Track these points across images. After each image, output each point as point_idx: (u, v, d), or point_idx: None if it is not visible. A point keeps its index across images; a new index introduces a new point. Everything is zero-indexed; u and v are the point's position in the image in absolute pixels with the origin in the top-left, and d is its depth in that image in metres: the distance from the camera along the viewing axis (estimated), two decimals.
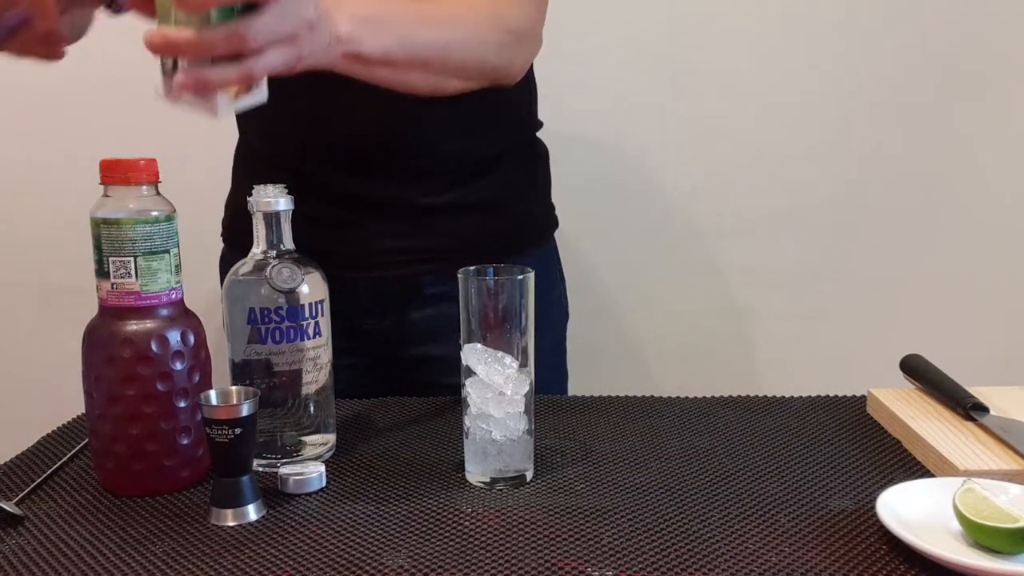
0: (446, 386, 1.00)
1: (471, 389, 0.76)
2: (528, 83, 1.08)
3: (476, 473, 0.78)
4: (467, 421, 0.78)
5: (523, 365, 0.76)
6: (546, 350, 1.02)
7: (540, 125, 1.14)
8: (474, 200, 1.04)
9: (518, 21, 0.93)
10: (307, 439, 0.83)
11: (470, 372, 0.76)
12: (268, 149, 1.07)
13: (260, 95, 0.70)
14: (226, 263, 1.10)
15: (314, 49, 0.73)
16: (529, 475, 0.79)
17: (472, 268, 0.76)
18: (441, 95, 0.93)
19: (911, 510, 0.67)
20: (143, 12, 0.72)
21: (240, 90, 0.69)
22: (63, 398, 1.00)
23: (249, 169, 1.10)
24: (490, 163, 1.04)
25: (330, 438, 0.85)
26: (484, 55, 0.92)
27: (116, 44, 1.61)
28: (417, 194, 1.02)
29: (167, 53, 0.66)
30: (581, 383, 1.20)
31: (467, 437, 0.78)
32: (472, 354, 0.76)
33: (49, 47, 0.77)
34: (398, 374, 1.09)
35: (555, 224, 1.16)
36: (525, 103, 1.10)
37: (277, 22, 0.68)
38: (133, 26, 1.71)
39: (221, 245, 1.13)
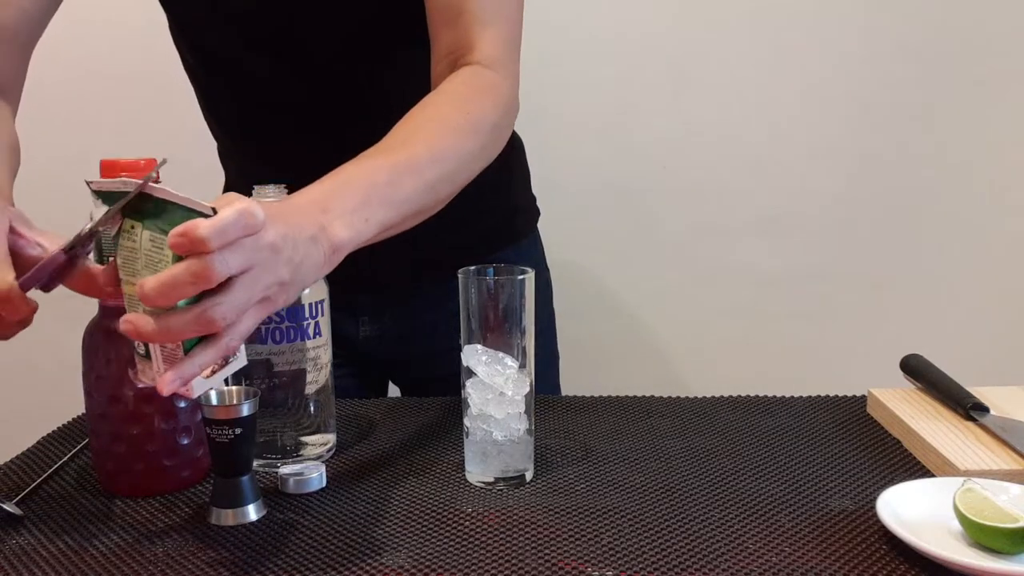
0: (446, 377, 1.00)
1: (471, 390, 0.76)
2: None
3: (476, 473, 0.78)
4: (467, 421, 0.78)
5: (523, 365, 0.76)
6: (539, 330, 1.02)
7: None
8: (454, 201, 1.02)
9: (493, 112, 0.87)
10: (307, 439, 0.83)
11: (470, 373, 0.76)
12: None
13: (238, 362, 0.65)
14: None
15: (290, 297, 0.66)
16: (529, 475, 0.79)
17: (472, 268, 0.76)
18: None
19: (911, 510, 0.67)
20: (86, 293, 0.68)
21: (216, 367, 0.63)
22: (63, 398, 1.00)
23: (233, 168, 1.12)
24: None
25: (330, 438, 0.85)
26: (472, 167, 0.86)
27: (116, 44, 1.61)
28: None
29: (138, 339, 0.61)
30: (581, 383, 1.20)
31: (467, 437, 0.78)
32: (472, 355, 0.76)
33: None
34: (400, 374, 1.09)
35: (537, 213, 1.17)
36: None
37: (245, 296, 0.61)
38: (134, 26, 1.72)
39: None
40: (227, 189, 1.13)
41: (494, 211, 1.08)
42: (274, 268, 0.62)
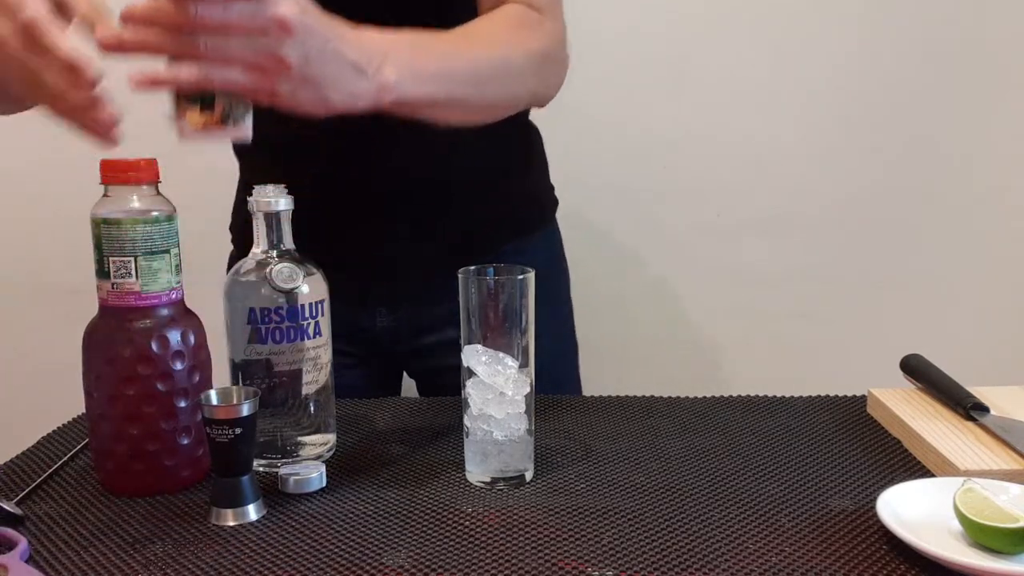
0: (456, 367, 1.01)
1: (472, 390, 0.76)
2: None
3: (476, 473, 0.78)
4: (467, 421, 0.78)
5: (523, 365, 0.76)
6: (555, 326, 1.04)
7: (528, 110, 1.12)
8: (468, 187, 1.03)
9: (541, 42, 0.91)
10: (307, 439, 0.83)
11: (471, 373, 0.76)
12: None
13: (240, 132, 0.66)
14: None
15: (297, 93, 0.69)
16: (529, 475, 0.79)
17: (472, 268, 0.76)
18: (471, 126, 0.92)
19: (911, 510, 0.67)
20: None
21: (210, 120, 0.66)
22: (63, 398, 1.00)
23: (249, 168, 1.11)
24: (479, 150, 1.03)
25: (330, 438, 0.85)
26: (520, 85, 0.90)
27: None
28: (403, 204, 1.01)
29: (129, 48, 0.64)
30: (581, 383, 1.20)
31: (467, 437, 0.78)
32: (472, 355, 0.76)
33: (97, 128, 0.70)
34: (415, 365, 1.10)
35: (556, 203, 1.16)
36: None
37: (237, 45, 0.64)
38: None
39: (221, 244, 1.13)
40: (243, 181, 1.12)
41: (511, 198, 1.07)
42: (276, 43, 0.65)
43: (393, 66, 0.74)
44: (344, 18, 0.72)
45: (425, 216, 1.02)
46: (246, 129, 0.66)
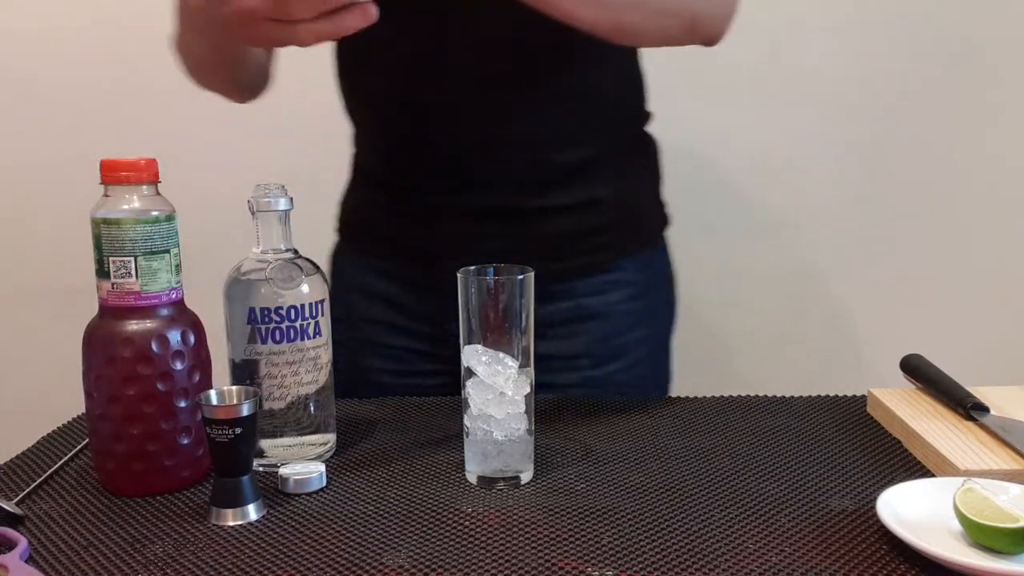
0: (540, 384, 1.02)
1: (472, 390, 0.76)
2: (635, 72, 1.07)
3: (476, 473, 0.78)
4: (467, 421, 0.77)
5: (523, 365, 0.76)
6: (651, 348, 1.05)
7: (648, 117, 1.10)
8: (581, 199, 1.01)
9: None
10: (307, 439, 0.83)
11: (470, 373, 0.76)
12: (368, 159, 1.09)
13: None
14: (341, 257, 1.12)
15: None
16: (529, 475, 0.79)
17: (472, 268, 0.76)
18: (640, 44, 0.94)
19: (911, 510, 0.67)
20: None
21: None
22: (63, 398, 1.00)
23: (357, 167, 1.11)
24: (594, 161, 1.02)
25: (330, 438, 0.85)
26: (659, 23, 0.91)
27: (116, 44, 1.61)
28: (521, 198, 1.00)
29: None
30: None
31: (467, 437, 0.78)
32: (472, 355, 0.76)
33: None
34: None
35: (667, 221, 1.12)
36: (632, 95, 1.08)
37: None
38: (134, 28, 1.71)
39: (221, 244, 1.13)
40: (359, 160, 1.11)
41: (619, 210, 1.04)
42: None
43: None
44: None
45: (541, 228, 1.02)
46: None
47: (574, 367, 1.03)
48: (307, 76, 1.55)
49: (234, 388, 0.74)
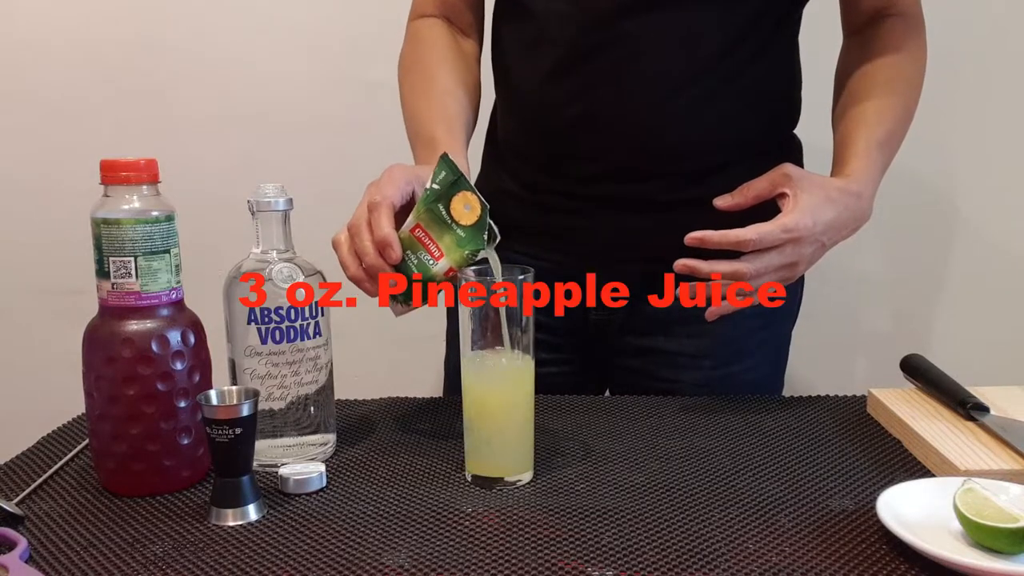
0: (663, 379, 1.03)
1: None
2: (794, 67, 1.10)
3: (476, 473, 0.78)
4: (468, 421, 0.77)
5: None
6: (773, 348, 1.10)
7: (798, 115, 1.12)
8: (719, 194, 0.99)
9: (924, 54, 1.04)
10: (307, 439, 0.83)
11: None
12: (521, 143, 1.06)
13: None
14: None
15: (815, 259, 0.93)
16: (529, 475, 0.79)
17: (472, 268, 0.76)
18: None
19: (911, 510, 0.67)
20: None
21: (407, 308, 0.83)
22: (63, 398, 1.00)
23: (497, 154, 1.09)
24: (742, 156, 1.02)
25: (330, 438, 0.85)
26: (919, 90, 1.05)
27: (117, 44, 1.61)
28: (662, 191, 0.99)
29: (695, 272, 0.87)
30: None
31: (468, 437, 0.78)
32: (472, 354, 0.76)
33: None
34: (615, 362, 1.08)
35: None
36: (788, 92, 1.10)
37: (778, 259, 0.87)
38: (134, 28, 1.71)
39: (220, 244, 1.13)
40: (492, 139, 1.11)
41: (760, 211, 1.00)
42: (806, 245, 0.89)
43: (869, 201, 0.97)
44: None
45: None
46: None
47: (696, 366, 1.04)
48: (307, 76, 1.55)
49: (234, 388, 0.74)
